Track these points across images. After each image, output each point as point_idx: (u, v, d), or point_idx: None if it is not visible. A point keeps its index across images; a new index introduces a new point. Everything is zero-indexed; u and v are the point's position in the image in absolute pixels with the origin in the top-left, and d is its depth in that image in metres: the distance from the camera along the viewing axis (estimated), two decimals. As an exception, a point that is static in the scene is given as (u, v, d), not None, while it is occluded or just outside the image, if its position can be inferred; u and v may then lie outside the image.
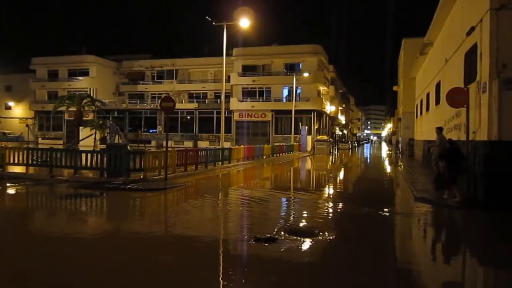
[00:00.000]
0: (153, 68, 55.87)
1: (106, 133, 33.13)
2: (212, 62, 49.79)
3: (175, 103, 15.82)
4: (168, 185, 13.56)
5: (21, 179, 14.85)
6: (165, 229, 8.50)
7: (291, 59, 47.71)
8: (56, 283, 5.02)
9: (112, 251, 6.44)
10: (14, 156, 16.39)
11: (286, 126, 45.36)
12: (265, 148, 29.98)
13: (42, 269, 5.52)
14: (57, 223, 8.97)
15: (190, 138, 48.88)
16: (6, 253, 6.28)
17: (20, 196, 12.66)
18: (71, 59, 55.44)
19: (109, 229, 8.36)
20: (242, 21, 24.86)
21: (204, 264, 5.83)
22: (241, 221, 8.96)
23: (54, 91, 55.00)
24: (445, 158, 11.34)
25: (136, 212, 10.73)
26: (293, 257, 6.18)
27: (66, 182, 14.08)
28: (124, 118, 51.82)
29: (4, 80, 61.77)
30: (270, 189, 15.68)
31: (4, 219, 8.95)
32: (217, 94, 50.63)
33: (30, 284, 5.00)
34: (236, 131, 48.01)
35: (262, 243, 6.59)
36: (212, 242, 7.29)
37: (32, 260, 5.89)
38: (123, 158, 14.44)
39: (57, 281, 5.08)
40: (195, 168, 17.95)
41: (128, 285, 4.98)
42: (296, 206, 11.41)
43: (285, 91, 48.03)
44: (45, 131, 55.92)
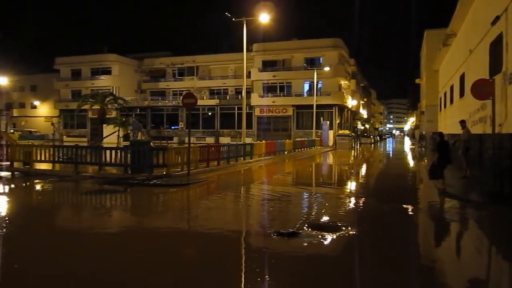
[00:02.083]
0: (174, 65, 56.32)
1: (129, 130, 33.56)
2: (232, 58, 49.87)
3: (197, 100, 15.91)
4: (190, 180, 13.68)
5: (48, 176, 15.22)
6: (187, 224, 8.59)
7: (311, 53, 47.38)
8: (82, 275, 5.13)
9: (135, 246, 6.55)
10: (41, 154, 16.79)
11: (308, 121, 45.13)
12: (287, 143, 29.92)
13: (69, 262, 5.66)
14: (83, 218, 9.17)
15: (211, 134, 49.17)
16: (36, 247, 6.45)
17: (47, 193, 12.99)
18: (93, 58, 56.38)
19: (133, 224, 8.50)
20: (261, 16, 24.82)
21: (226, 259, 5.87)
22: (263, 216, 8.98)
23: (78, 90, 56.05)
24: (438, 151, 11.71)
25: (159, 207, 10.87)
26: (315, 252, 6.17)
27: (91, 179, 14.35)
28: (147, 115, 52.48)
29: (29, 80, 63.39)
30: (291, 184, 15.66)
31: (32, 214, 9.19)
32: (237, 90, 50.70)
33: (57, 276, 5.13)
34: (257, 126, 48.02)
35: (284, 238, 6.60)
36: (234, 236, 7.33)
37: (60, 253, 6.04)
38: (146, 155, 14.64)
39: (82, 273, 5.20)
40: (217, 164, 18.06)
41: (151, 279, 5.06)
42: (318, 201, 11.36)
43: (306, 86, 47.75)
44: (69, 129, 57.08)
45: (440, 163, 11.49)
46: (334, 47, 46.71)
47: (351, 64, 58.57)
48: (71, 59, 57.39)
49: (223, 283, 4.93)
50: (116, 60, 55.83)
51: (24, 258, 5.83)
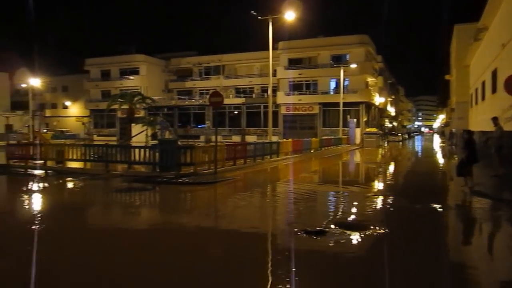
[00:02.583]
0: (200, 65, 56.80)
1: (157, 129, 34.05)
2: (258, 57, 49.89)
3: (223, 98, 16.03)
4: (217, 179, 13.79)
5: (80, 174, 15.65)
6: (215, 222, 8.69)
7: (337, 50, 46.93)
8: (112, 269, 5.27)
9: (163, 243, 6.66)
10: (73, 153, 17.27)
11: (334, 119, 44.74)
12: (313, 141, 29.78)
13: (100, 257, 5.82)
14: (113, 216, 9.40)
15: (238, 132, 49.37)
16: (69, 243, 6.65)
17: (79, 190, 13.36)
18: (122, 59, 57.46)
19: (161, 222, 8.65)
20: (287, 14, 24.76)
21: (254, 256, 5.91)
22: (290, 214, 8.97)
23: (107, 90, 57.23)
24: (466, 149, 11.56)
25: (187, 205, 11.03)
26: (343, 251, 6.14)
27: (120, 177, 14.67)
28: (174, 114, 53.16)
29: (61, 81, 65.28)
30: (318, 182, 15.61)
31: (66, 212, 9.47)
32: (263, 88, 50.71)
33: (88, 271, 5.29)
34: (283, 124, 47.91)
35: (311, 236, 6.60)
36: (261, 234, 7.38)
37: (92, 249, 6.22)
38: (173, 153, 14.85)
39: (113, 268, 5.34)
40: (243, 162, 18.14)
41: (177, 276, 5.15)
42: (345, 199, 11.28)
43: (332, 83, 47.35)
44: (99, 128, 58.38)
45: (469, 161, 11.33)
46: (361, 44, 46.12)
47: (378, 60, 57.71)
48: (100, 60, 58.66)
49: (250, 281, 4.97)
50: (144, 61, 56.74)
51: (58, 253, 6.03)
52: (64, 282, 4.93)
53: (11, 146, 19.72)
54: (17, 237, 6.99)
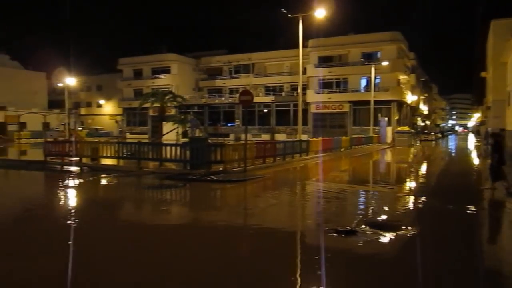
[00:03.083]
0: (230, 63, 57.08)
1: (188, 127, 34.51)
2: (287, 55, 49.67)
3: (253, 97, 16.09)
4: (247, 177, 13.87)
5: (113, 171, 16.05)
6: (244, 219, 8.74)
7: (368, 48, 46.20)
8: (143, 264, 5.40)
9: (193, 240, 6.77)
10: (106, 150, 17.74)
11: (365, 117, 44.08)
12: (343, 140, 29.48)
13: (133, 252, 5.97)
14: (146, 212, 9.62)
15: (267, 131, 49.38)
16: (104, 238, 6.86)
17: (113, 187, 13.73)
18: (154, 58, 58.41)
19: (191, 219, 8.79)
20: (317, 11, 24.59)
21: (283, 255, 5.93)
22: (319, 213, 8.94)
23: (139, 89, 58.29)
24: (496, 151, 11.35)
25: (217, 202, 11.15)
26: (374, 251, 6.08)
27: (152, 174, 14.96)
28: (204, 112, 53.65)
29: (95, 80, 67.11)
30: (348, 181, 15.46)
31: (101, 207, 9.76)
32: (293, 87, 50.51)
33: (121, 266, 5.44)
34: (313, 123, 47.58)
35: (342, 236, 6.56)
36: (291, 233, 7.39)
37: (128, 244, 6.40)
38: (204, 151, 15.04)
39: (144, 263, 5.47)
40: (273, 161, 18.16)
41: (206, 274, 5.22)
42: (375, 199, 11.15)
43: (363, 81, 46.67)
44: (132, 126, 59.58)
45: (498, 163, 11.18)
46: (393, 41, 45.23)
47: (411, 58, 56.44)
48: (133, 60, 59.82)
49: (280, 280, 5.00)
50: (175, 60, 57.50)
51: (95, 247, 6.23)
52: (102, 277, 5.09)
53: (48, 143, 20.44)
54: (56, 231, 7.25)
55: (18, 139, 46.44)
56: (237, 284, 4.84)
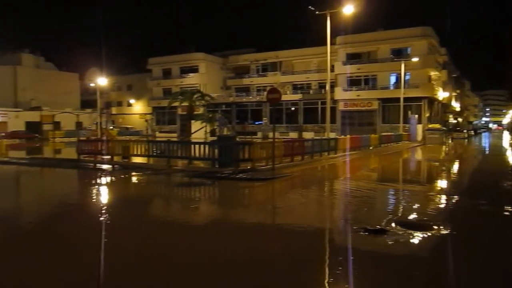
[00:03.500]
0: (258, 62, 57.19)
1: (216, 125, 34.81)
2: (315, 52, 49.37)
3: (281, 95, 16.08)
4: (275, 175, 13.88)
5: (144, 169, 16.36)
6: (272, 218, 8.77)
7: (398, 43, 45.36)
8: (172, 261, 5.50)
9: (221, 237, 6.84)
10: (137, 148, 18.10)
11: (394, 114, 43.36)
12: (372, 138, 29.10)
13: (162, 248, 6.09)
14: (175, 209, 9.79)
15: (295, 129, 49.26)
16: (135, 234, 7.02)
17: (143, 184, 14.01)
18: (182, 58, 59.12)
19: (220, 216, 8.88)
20: (345, 8, 24.33)
21: (312, 254, 5.91)
22: (348, 212, 8.86)
23: (168, 88, 59.14)
24: None
25: (245, 200, 11.22)
26: (405, 251, 5.98)
27: (181, 172, 15.17)
28: (232, 111, 53.96)
29: (126, 80, 68.60)
30: (377, 180, 15.26)
31: (132, 204, 9.97)
32: (321, 84, 50.16)
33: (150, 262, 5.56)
34: (341, 121, 47.13)
35: (371, 235, 6.49)
36: (319, 231, 7.37)
37: (159, 240, 6.53)
38: (232, 149, 15.14)
39: (173, 259, 5.57)
40: (301, 159, 18.10)
41: (233, 272, 5.27)
42: (405, 198, 10.97)
43: (392, 78, 45.89)
44: (161, 125, 60.52)
45: None
46: (423, 36, 44.24)
47: (442, 53, 55.09)
48: (162, 59, 60.72)
49: (307, 279, 4.99)
50: (203, 59, 58.03)
51: (125, 242, 6.39)
52: (131, 270, 5.22)
53: (81, 142, 21.03)
54: (90, 227, 7.46)
55: (52, 138, 47.94)
56: (264, 281, 4.87)
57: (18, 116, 54.57)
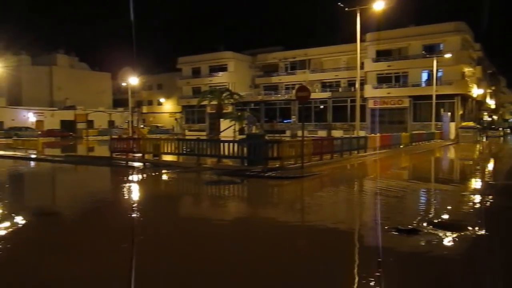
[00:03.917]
0: (286, 60, 57.00)
1: (244, 124, 34.97)
2: (344, 50, 48.84)
3: (310, 93, 16.00)
4: (304, 173, 13.82)
5: (174, 166, 16.62)
6: (301, 216, 8.76)
7: (430, 39, 44.26)
8: (198, 258, 5.58)
9: (250, 235, 6.88)
10: (167, 147, 18.40)
11: (426, 112, 42.38)
12: (403, 136, 28.58)
13: (191, 245, 6.19)
14: (205, 206, 9.90)
15: (323, 127, 48.89)
16: (166, 230, 7.16)
17: (174, 182, 14.25)
18: (211, 56, 59.60)
19: (249, 214, 8.93)
20: (376, 4, 23.96)
21: (342, 253, 5.88)
22: (378, 211, 8.75)
23: (198, 86, 59.73)
24: None
25: (274, 198, 11.25)
26: (438, 251, 5.86)
27: (211, 170, 15.32)
28: (260, 109, 54.01)
29: (156, 79, 69.80)
30: (408, 179, 15.00)
31: (163, 201, 10.17)
32: (350, 82, 49.59)
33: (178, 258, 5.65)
34: (371, 119, 46.46)
35: (403, 235, 6.40)
36: (349, 231, 7.32)
37: (186, 236, 6.64)
38: (261, 147, 15.18)
39: (199, 256, 5.65)
40: (330, 157, 17.97)
41: (259, 270, 5.29)
42: (438, 197, 10.75)
43: (424, 75, 44.87)
44: (190, 124, 61.22)
45: None
46: (457, 32, 43.01)
47: (476, 49, 53.40)
48: (191, 58, 61.37)
49: (337, 277, 4.97)
50: (232, 57, 58.31)
51: (156, 238, 6.53)
52: (161, 266, 5.34)
53: (113, 140, 21.52)
54: (123, 223, 7.66)
55: (86, 136, 49.23)
56: (293, 280, 4.88)
57: (53, 115, 56.37)
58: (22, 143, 30.13)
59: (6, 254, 5.81)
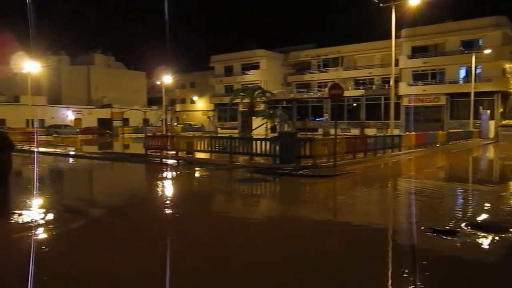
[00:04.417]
0: (319, 57, 56.57)
1: (276, 122, 35.00)
2: (378, 46, 48.04)
3: (343, 90, 15.84)
4: (337, 172, 13.71)
5: (207, 164, 16.82)
6: (334, 215, 8.68)
7: (468, 35, 42.89)
8: (229, 256, 5.64)
9: (283, 233, 6.88)
10: (200, 144, 18.64)
11: (463, 110, 41.12)
12: (439, 135, 27.86)
13: (223, 241, 6.26)
14: (238, 204, 9.98)
15: (356, 125, 48.27)
16: (199, 227, 7.26)
17: (207, 179, 14.43)
18: (243, 55, 59.87)
19: (281, 212, 8.92)
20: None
21: (376, 252, 5.79)
22: (413, 211, 8.57)
23: (230, 85, 60.16)
24: None
25: (306, 197, 11.21)
26: (477, 253, 5.68)
27: (243, 167, 15.41)
28: (292, 107, 53.89)
29: (189, 78, 70.81)
30: (444, 179, 14.62)
31: (197, 199, 10.32)
32: (384, 79, 48.73)
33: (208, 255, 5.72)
34: (406, 117, 45.51)
35: (440, 236, 6.24)
36: (383, 230, 7.21)
37: (218, 233, 6.72)
38: (293, 146, 15.14)
39: (230, 254, 5.70)
40: (363, 156, 17.74)
41: (292, 267, 5.29)
42: (476, 198, 10.43)
43: (461, 72, 43.54)
44: (223, 122, 61.75)
45: None
46: (497, 26, 41.47)
47: (519, 44, 51.36)
48: (224, 57, 61.89)
49: (372, 280, 4.92)
50: (264, 55, 58.40)
51: (189, 235, 6.64)
52: (193, 262, 5.43)
53: (148, 138, 22.00)
54: (159, 219, 7.83)
55: (122, 133, 50.53)
56: (322, 279, 4.85)
57: (91, 113, 58.12)
58: (61, 140, 31.32)
59: (50, 248, 6.04)
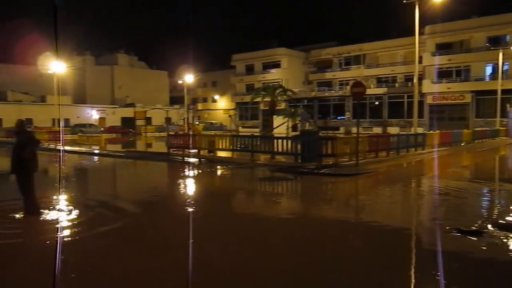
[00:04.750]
0: (340, 55, 56.09)
1: (297, 120, 34.86)
2: (401, 44, 47.32)
3: (366, 88, 15.69)
4: (359, 171, 13.60)
5: (228, 162, 16.91)
6: (356, 214, 8.63)
7: (495, 31, 41.82)
8: (249, 255, 5.66)
9: (304, 232, 6.88)
10: (221, 143, 18.75)
11: (490, 108, 40.14)
12: (464, 133, 27.28)
13: (244, 239, 6.29)
14: (258, 202, 10.01)
15: (379, 124, 47.68)
16: (221, 224, 7.33)
17: (228, 177, 14.52)
18: (264, 53, 59.80)
19: (303, 211, 8.91)
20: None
21: (400, 253, 5.74)
22: (437, 211, 8.44)
23: (251, 83, 60.19)
24: None
25: (328, 196, 11.15)
26: (505, 254, 5.56)
27: (264, 166, 15.44)
28: (314, 105, 53.59)
29: (211, 77, 71.23)
30: (469, 178, 14.33)
31: (218, 197, 10.40)
32: (407, 77, 47.95)
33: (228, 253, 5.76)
34: (429, 115, 44.72)
35: (466, 236, 6.13)
36: (406, 230, 7.13)
37: (240, 231, 6.76)
38: (315, 144, 15.09)
39: (250, 253, 5.73)
40: (386, 155, 17.53)
41: (313, 266, 5.28)
42: (502, 198, 10.20)
43: (487, 69, 42.50)
44: (244, 120, 61.88)
45: None
46: (525, 22, 40.33)
47: (548, 40, 49.85)
48: (245, 56, 61.98)
49: (396, 281, 4.87)
50: (285, 54, 58.23)
51: (211, 232, 6.70)
52: (212, 259, 5.48)
53: (170, 136, 22.26)
54: (181, 216, 7.93)
55: (144, 132, 51.22)
56: (343, 280, 4.84)
57: (114, 112, 59.07)
58: (86, 139, 31.97)
59: (76, 246, 6.19)
